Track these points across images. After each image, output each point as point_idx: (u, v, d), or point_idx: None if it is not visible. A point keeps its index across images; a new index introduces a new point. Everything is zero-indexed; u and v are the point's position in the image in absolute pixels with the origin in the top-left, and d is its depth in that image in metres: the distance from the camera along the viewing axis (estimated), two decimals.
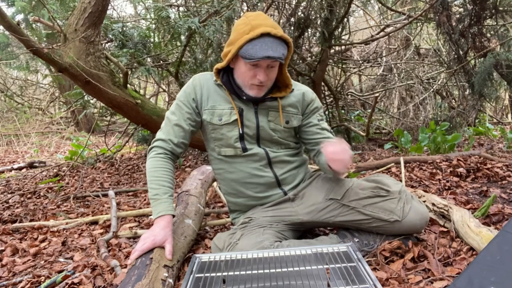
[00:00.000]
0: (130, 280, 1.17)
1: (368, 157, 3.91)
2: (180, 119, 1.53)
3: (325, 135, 1.59)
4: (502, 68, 4.19)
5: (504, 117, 7.72)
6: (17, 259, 1.74)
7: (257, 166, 1.55)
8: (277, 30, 1.39)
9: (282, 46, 1.39)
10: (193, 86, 1.55)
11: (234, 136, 1.52)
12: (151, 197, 1.45)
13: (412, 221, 1.43)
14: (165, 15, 3.81)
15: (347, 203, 1.48)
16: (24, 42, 2.97)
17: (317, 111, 1.61)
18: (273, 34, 1.38)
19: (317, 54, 4.58)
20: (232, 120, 1.51)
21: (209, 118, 1.53)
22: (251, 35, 1.36)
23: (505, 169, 2.72)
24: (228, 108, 1.52)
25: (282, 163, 1.58)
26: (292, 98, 1.57)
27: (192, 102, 1.54)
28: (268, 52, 1.35)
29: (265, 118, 1.54)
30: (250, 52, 1.36)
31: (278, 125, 1.55)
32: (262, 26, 1.38)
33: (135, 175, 3.76)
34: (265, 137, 1.55)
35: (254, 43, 1.37)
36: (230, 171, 1.58)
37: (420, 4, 5.69)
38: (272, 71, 1.45)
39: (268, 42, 1.37)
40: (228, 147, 1.55)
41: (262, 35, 1.37)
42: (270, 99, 1.54)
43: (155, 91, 7.80)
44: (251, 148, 1.54)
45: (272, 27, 1.39)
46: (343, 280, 1.10)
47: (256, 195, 1.58)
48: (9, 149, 7.06)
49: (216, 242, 1.49)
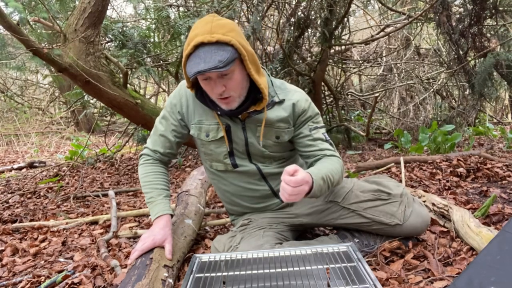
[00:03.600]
0: (130, 280, 1.17)
1: (368, 157, 3.91)
2: (166, 130, 1.49)
3: (318, 146, 1.43)
4: (502, 68, 4.19)
5: (504, 117, 7.72)
6: (17, 259, 1.74)
7: (251, 180, 1.51)
8: (213, 36, 1.21)
9: (221, 52, 1.20)
10: (180, 97, 1.47)
11: (223, 152, 1.46)
12: (147, 201, 1.45)
13: (413, 225, 1.42)
14: (165, 15, 3.82)
15: (348, 206, 1.46)
16: (24, 42, 2.97)
17: (309, 120, 1.45)
18: (207, 42, 1.20)
19: (317, 54, 4.58)
20: (219, 137, 1.43)
21: (196, 133, 1.47)
22: (187, 51, 1.23)
23: (505, 169, 2.72)
24: (215, 124, 1.43)
25: (276, 175, 1.48)
26: (282, 112, 1.41)
27: (177, 115, 1.47)
28: (199, 65, 1.19)
29: (254, 134, 1.43)
30: (188, 70, 1.23)
31: (268, 140, 1.44)
32: (197, 36, 1.22)
33: (135, 175, 3.76)
34: (255, 153, 1.46)
35: (190, 59, 1.23)
36: (223, 183, 1.55)
37: (420, 4, 5.69)
38: (229, 80, 1.27)
39: (201, 53, 1.21)
40: (218, 162, 1.50)
41: (195, 47, 1.22)
42: (255, 112, 1.39)
43: (155, 91, 7.80)
44: (242, 164, 1.48)
45: (208, 33, 1.21)
46: (343, 280, 1.10)
47: (252, 205, 1.56)
48: (9, 149, 7.06)
49: (216, 244, 1.48)
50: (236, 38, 1.24)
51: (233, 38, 1.23)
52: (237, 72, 1.28)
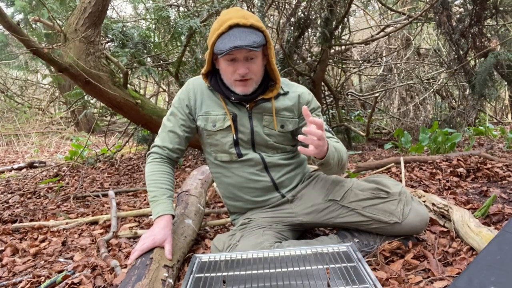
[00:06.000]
0: (130, 280, 1.17)
1: (368, 157, 3.91)
2: (175, 126, 1.53)
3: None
4: (502, 68, 4.19)
5: (504, 117, 7.72)
6: (17, 259, 1.74)
7: (253, 171, 1.53)
8: (247, 20, 1.34)
9: (254, 35, 1.33)
10: (187, 91, 1.54)
11: (228, 142, 1.50)
12: (150, 200, 1.46)
13: (412, 223, 1.42)
14: (165, 15, 3.82)
15: (347, 205, 1.47)
16: (24, 42, 2.97)
17: (313, 111, 1.55)
18: (242, 24, 1.33)
19: (317, 54, 4.58)
20: (226, 126, 1.49)
21: (203, 124, 1.51)
22: (220, 30, 1.33)
23: (505, 169, 2.72)
24: (222, 114, 1.49)
25: (278, 166, 1.55)
26: (287, 102, 1.52)
27: (185, 109, 1.52)
28: (236, 42, 1.29)
29: (260, 123, 1.50)
30: (220, 47, 1.32)
31: (272, 129, 1.51)
32: (231, 19, 1.34)
33: (135, 175, 3.76)
34: (260, 142, 1.52)
35: (223, 37, 1.33)
36: (227, 175, 1.57)
37: (420, 4, 5.69)
38: (253, 63, 1.39)
39: (236, 33, 1.32)
40: (224, 152, 1.53)
41: (230, 27, 1.33)
42: (263, 101, 1.49)
43: (155, 91, 7.80)
44: (246, 153, 1.52)
45: (242, 17, 1.34)
46: (343, 280, 1.10)
47: (253, 199, 1.57)
48: (9, 149, 7.06)
49: (215, 243, 1.49)
50: (265, 29, 1.38)
51: (263, 27, 1.37)
52: (260, 58, 1.41)
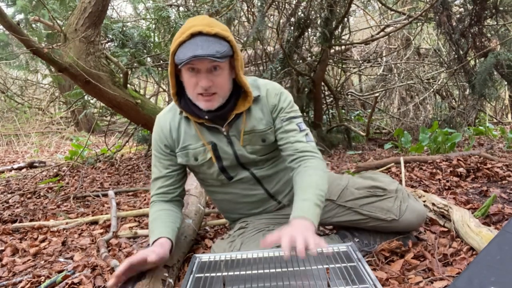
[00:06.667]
0: (130, 280, 1.17)
1: (368, 157, 3.91)
2: (162, 170, 1.44)
3: (288, 139, 1.37)
4: (502, 68, 4.19)
5: (504, 117, 7.72)
6: (17, 259, 1.74)
7: (247, 186, 1.48)
8: (212, 28, 1.22)
9: (219, 44, 1.21)
10: (159, 131, 1.43)
11: (215, 171, 1.43)
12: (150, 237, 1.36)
13: (409, 219, 1.43)
14: (165, 15, 3.82)
15: (343, 204, 1.46)
16: (24, 42, 2.97)
17: (281, 112, 1.40)
18: (205, 32, 1.20)
19: (317, 54, 4.58)
20: (208, 158, 1.40)
21: (184, 160, 1.42)
22: (181, 38, 1.21)
23: (505, 169, 2.72)
24: (201, 146, 1.39)
25: (270, 177, 1.48)
26: (258, 113, 1.38)
27: (165, 149, 1.43)
28: (197, 51, 1.17)
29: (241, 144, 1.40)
30: (179, 56, 1.20)
31: (255, 145, 1.40)
32: (194, 26, 1.22)
33: (135, 175, 3.76)
34: (246, 161, 1.43)
35: (184, 46, 1.21)
36: (220, 193, 1.54)
37: (420, 4, 5.69)
38: (217, 76, 1.25)
39: (198, 41, 1.20)
40: (213, 179, 1.47)
41: (192, 35, 1.21)
42: (236, 118, 1.36)
43: (155, 91, 7.79)
44: (236, 174, 1.45)
45: (206, 25, 1.22)
46: (343, 280, 1.10)
47: (249, 212, 1.54)
48: (9, 149, 7.06)
49: (216, 250, 1.46)
50: (232, 38, 1.25)
51: (230, 36, 1.25)
52: (226, 71, 1.28)
